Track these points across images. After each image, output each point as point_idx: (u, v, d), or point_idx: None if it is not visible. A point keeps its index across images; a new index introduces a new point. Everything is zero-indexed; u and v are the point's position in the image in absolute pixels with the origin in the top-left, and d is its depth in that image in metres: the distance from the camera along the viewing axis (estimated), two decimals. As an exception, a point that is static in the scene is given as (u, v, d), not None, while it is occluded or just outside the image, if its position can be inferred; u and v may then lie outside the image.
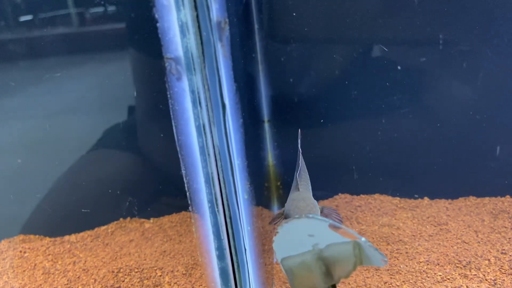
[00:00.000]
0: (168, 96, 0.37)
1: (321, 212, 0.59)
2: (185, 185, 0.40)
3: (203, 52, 0.35)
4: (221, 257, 0.42)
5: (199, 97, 0.36)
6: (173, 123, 0.38)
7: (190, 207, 0.40)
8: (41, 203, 0.87)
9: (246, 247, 0.42)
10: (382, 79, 0.83)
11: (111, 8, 0.77)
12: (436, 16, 0.77)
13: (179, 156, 0.38)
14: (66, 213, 0.89)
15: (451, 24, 0.78)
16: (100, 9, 0.77)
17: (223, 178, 0.39)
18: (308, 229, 0.48)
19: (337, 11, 0.79)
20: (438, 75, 0.82)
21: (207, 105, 0.37)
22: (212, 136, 0.38)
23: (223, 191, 0.40)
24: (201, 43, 0.34)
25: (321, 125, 0.89)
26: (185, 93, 0.36)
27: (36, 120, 0.85)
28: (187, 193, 0.40)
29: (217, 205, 0.40)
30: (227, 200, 0.40)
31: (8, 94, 0.84)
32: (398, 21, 0.79)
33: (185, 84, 0.36)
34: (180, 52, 0.35)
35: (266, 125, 0.89)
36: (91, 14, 0.78)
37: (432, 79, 0.83)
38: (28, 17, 0.78)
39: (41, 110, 0.85)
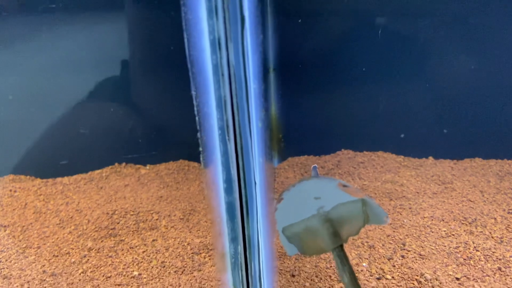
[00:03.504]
0: (181, 2, 0.32)
1: None
2: (195, 108, 0.36)
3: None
4: (228, 190, 0.39)
5: (216, 5, 0.32)
6: (184, 36, 0.33)
7: (198, 133, 0.37)
8: (32, 147, 0.84)
9: (256, 181, 0.39)
10: (393, 39, 0.79)
11: None
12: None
13: (190, 74, 0.35)
14: (58, 157, 0.86)
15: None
16: None
17: (237, 102, 0.35)
18: (312, 192, 0.46)
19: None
20: (446, 35, 0.78)
21: (224, 16, 0.32)
22: (227, 54, 0.34)
23: (236, 117, 0.36)
24: None
25: (330, 80, 0.85)
26: None
27: (33, 72, 0.80)
28: (196, 118, 0.36)
29: (228, 132, 0.36)
30: (239, 128, 0.36)
31: None
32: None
33: (201, -11, 0.32)
34: (197, -52, 0.30)
35: (271, 74, 0.84)
36: None
37: (440, 39, 0.79)
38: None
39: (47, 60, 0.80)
